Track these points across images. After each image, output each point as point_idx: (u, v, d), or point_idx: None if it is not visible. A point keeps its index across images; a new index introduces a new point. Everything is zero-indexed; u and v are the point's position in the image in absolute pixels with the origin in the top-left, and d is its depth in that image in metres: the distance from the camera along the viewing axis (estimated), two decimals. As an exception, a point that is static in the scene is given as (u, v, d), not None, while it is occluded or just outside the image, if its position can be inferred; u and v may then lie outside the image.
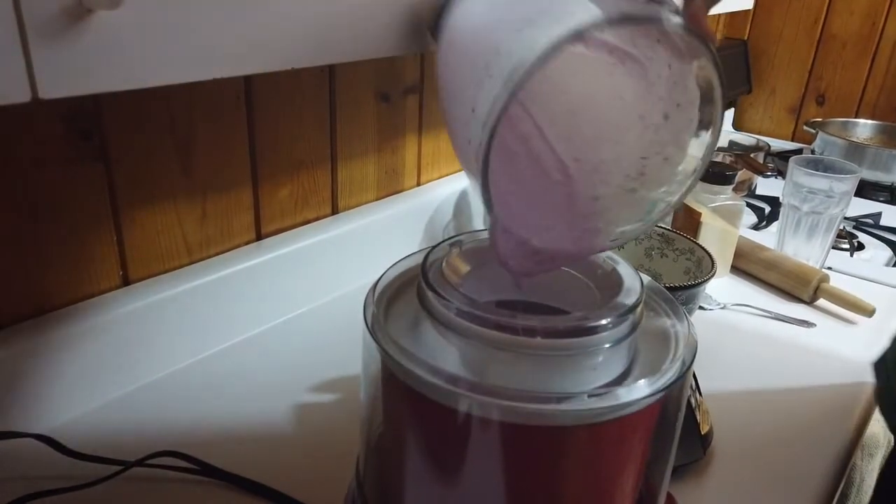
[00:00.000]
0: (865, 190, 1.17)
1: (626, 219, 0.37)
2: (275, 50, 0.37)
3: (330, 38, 0.40)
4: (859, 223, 1.06)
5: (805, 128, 1.32)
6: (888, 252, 0.98)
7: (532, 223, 0.36)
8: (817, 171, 0.84)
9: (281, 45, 0.38)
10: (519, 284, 0.39)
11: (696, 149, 0.35)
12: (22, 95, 0.27)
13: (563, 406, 0.31)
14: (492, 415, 0.31)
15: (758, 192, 1.14)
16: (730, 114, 1.54)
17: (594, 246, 0.37)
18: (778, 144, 1.42)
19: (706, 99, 0.33)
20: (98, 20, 0.29)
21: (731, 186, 0.82)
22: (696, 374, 0.53)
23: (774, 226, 1.00)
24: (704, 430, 0.53)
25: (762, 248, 0.86)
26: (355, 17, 0.41)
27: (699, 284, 0.68)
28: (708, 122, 0.34)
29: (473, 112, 0.31)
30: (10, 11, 0.26)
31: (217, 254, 0.66)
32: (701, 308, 0.77)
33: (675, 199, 0.36)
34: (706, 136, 0.34)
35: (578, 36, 0.28)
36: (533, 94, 0.36)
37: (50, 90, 0.28)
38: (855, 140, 1.30)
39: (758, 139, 1.19)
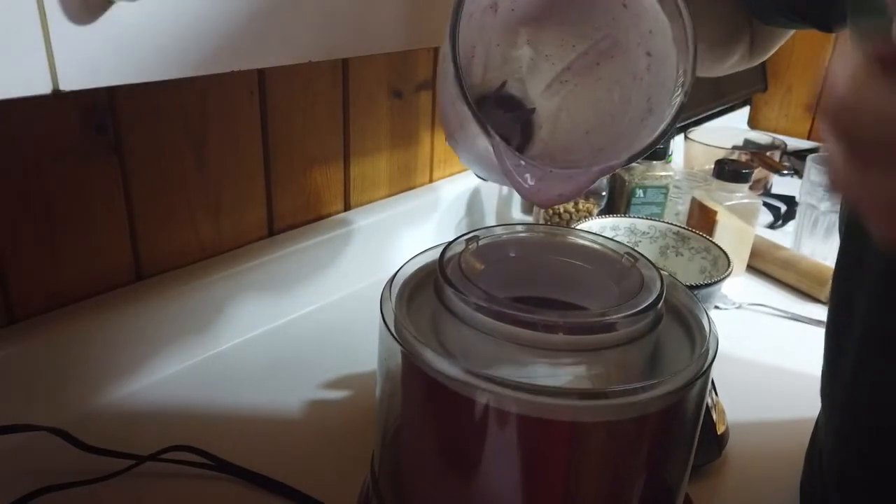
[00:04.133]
0: (882, 189, 1.16)
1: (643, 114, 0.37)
2: (290, 43, 0.37)
3: (344, 32, 0.40)
4: (876, 223, 1.05)
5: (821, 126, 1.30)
6: (906, 252, 0.96)
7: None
8: (835, 169, 0.82)
9: (296, 38, 0.37)
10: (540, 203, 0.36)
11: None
12: (43, 87, 0.27)
13: (582, 403, 0.31)
14: (510, 411, 0.31)
15: (774, 190, 1.13)
16: (745, 112, 1.52)
17: (620, 156, 0.35)
18: (794, 143, 1.40)
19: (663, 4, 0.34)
20: (118, 13, 0.29)
21: (746, 185, 0.81)
22: (713, 374, 0.52)
23: (791, 225, 0.98)
24: (720, 430, 0.52)
25: (778, 247, 0.85)
26: (369, 11, 0.41)
27: (715, 283, 0.67)
28: (673, 12, 0.34)
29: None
30: (32, 4, 0.26)
31: (230, 249, 0.66)
32: (716, 307, 0.76)
33: (686, 85, 0.35)
34: (680, 27, 0.34)
35: None
36: (554, 152, 0.37)
37: (70, 82, 0.28)
38: (872, 139, 1.28)
39: (773, 137, 1.18)
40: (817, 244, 0.86)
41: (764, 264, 0.85)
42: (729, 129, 1.19)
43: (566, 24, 0.38)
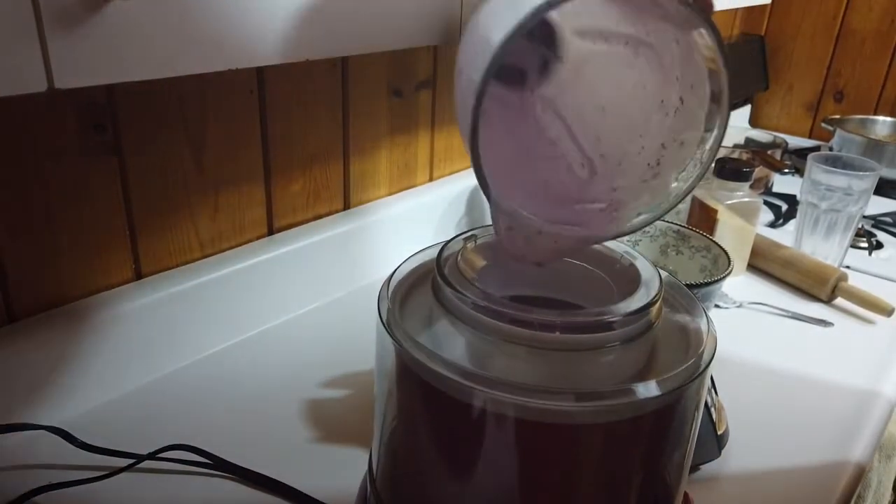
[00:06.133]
0: (884, 188, 1.15)
1: (642, 205, 0.36)
2: (288, 41, 0.37)
3: (342, 30, 0.40)
4: (878, 222, 1.05)
5: (823, 125, 1.30)
6: (908, 251, 0.96)
7: (542, 213, 0.36)
8: (836, 168, 0.82)
9: (294, 36, 0.37)
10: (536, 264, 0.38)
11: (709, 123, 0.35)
12: (38, 85, 0.27)
13: (579, 403, 0.31)
14: (507, 411, 0.31)
15: (775, 189, 1.13)
16: (746, 110, 1.52)
17: (607, 232, 0.37)
18: (795, 142, 1.40)
19: (712, 74, 0.33)
20: (113, 10, 0.29)
21: (747, 183, 0.81)
22: (713, 373, 0.52)
23: (792, 224, 0.98)
24: (721, 430, 0.52)
25: (779, 246, 0.85)
26: (369, 9, 0.41)
27: (715, 282, 0.67)
28: (717, 93, 0.33)
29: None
30: (27, 1, 0.26)
31: (229, 248, 0.66)
32: (717, 306, 0.76)
33: (690, 182, 0.35)
34: (716, 110, 0.34)
35: (543, 10, 0.29)
36: (565, 99, 0.36)
37: (65, 80, 0.28)
38: (874, 137, 1.28)
39: (775, 136, 1.18)
40: (818, 243, 0.86)
41: (765, 263, 0.85)
42: (730, 128, 1.18)
43: (618, 3, 0.36)
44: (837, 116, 1.34)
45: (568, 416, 0.31)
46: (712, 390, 0.52)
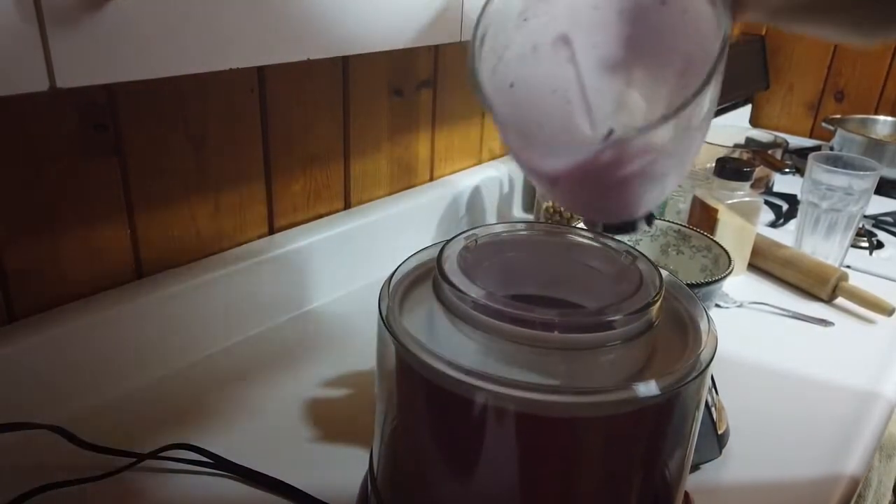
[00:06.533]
0: (885, 188, 1.15)
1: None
2: (288, 40, 0.37)
3: (343, 29, 0.40)
4: (879, 221, 1.04)
5: (823, 125, 1.30)
6: (908, 251, 0.96)
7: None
8: (836, 167, 0.82)
9: (294, 35, 0.37)
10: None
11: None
12: (40, 84, 0.27)
13: (580, 402, 0.31)
14: (507, 409, 0.31)
15: (775, 189, 1.13)
16: (747, 110, 1.52)
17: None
18: (796, 141, 1.40)
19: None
20: (115, 9, 0.29)
21: (748, 183, 0.81)
22: (713, 372, 0.52)
23: (792, 223, 0.98)
24: (721, 429, 0.52)
25: (780, 245, 0.85)
26: (369, 8, 0.41)
27: (716, 282, 0.67)
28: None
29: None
30: (28, 0, 0.26)
31: (230, 247, 0.66)
32: (717, 306, 0.76)
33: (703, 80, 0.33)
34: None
35: None
36: None
37: (67, 79, 0.28)
38: (874, 137, 1.28)
39: (775, 136, 1.18)
40: (819, 242, 0.86)
41: (765, 263, 0.85)
42: (730, 127, 1.19)
43: (647, 55, 0.35)
44: (838, 116, 1.34)
45: (568, 416, 0.31)
46: (713, 390, 0.52)
